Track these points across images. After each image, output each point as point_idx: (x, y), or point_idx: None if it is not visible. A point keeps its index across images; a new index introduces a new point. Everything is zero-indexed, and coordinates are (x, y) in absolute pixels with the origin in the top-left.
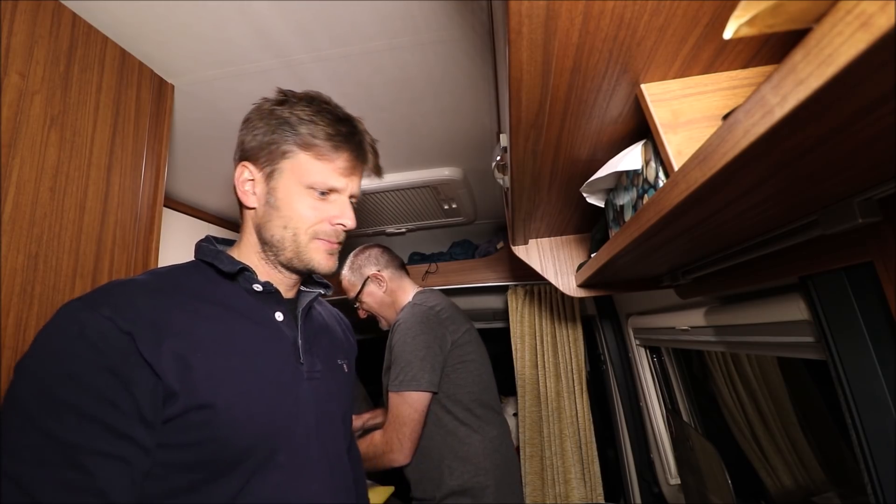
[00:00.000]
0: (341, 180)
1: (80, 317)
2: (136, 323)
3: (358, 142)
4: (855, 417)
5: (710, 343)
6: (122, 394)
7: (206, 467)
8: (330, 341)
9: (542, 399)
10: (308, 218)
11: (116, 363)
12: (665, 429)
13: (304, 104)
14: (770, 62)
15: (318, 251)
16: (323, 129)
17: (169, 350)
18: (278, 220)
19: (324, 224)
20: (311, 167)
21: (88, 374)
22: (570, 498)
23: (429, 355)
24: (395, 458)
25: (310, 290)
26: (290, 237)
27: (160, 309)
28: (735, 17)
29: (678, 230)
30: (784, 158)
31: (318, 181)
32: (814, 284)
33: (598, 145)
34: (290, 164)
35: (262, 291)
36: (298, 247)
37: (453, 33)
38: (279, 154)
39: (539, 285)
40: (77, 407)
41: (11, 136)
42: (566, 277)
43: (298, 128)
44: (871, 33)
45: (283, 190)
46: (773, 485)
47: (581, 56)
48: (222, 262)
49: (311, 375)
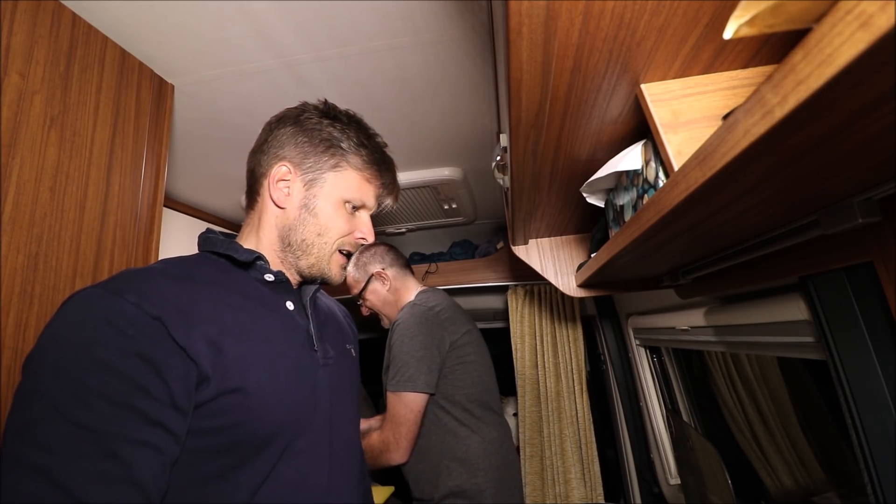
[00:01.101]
0: (372, 200)
1: (105, 303)
2: (164, 308)
3: (393, 171)
4: (855, 417)
5: (710, 343)
6: (154, 380)
7: (235, 453)
8: (337, 328)
9: (542, 399)
10: (342, 229)
11: (147, 349)
12: (665, 429)
13: (355, 127)
14: (770, 62)
15: (336, 264)
16: (371, 154)
17: (200, 334)
18: (314, 226)
19: (349, 237)
20: (356, 185)
21: (118, 360)
22: (570, 498)
23: (426, 356)
24: (392, 458)
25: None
26: (320, 244)
27: (185, 295)
28: (735, 17)
29: (678, 230)
30: (784, 158)
31: (356, 198)
32: (814, 284)
33: (598, 145)
34: (337, 177)
35: (274, 281)
36: (322, 255)
37: (453, 33)
38: (329, 166)
39: (539, 285)
40: (109, 395)
41: (11, 136)
42: (566, 277)
43: (352, 149)
44: (871, 33)
45: (325, 199)
46: (773, 485)
47: (581, 56)
48: (238, 252)
49: (325, 362)
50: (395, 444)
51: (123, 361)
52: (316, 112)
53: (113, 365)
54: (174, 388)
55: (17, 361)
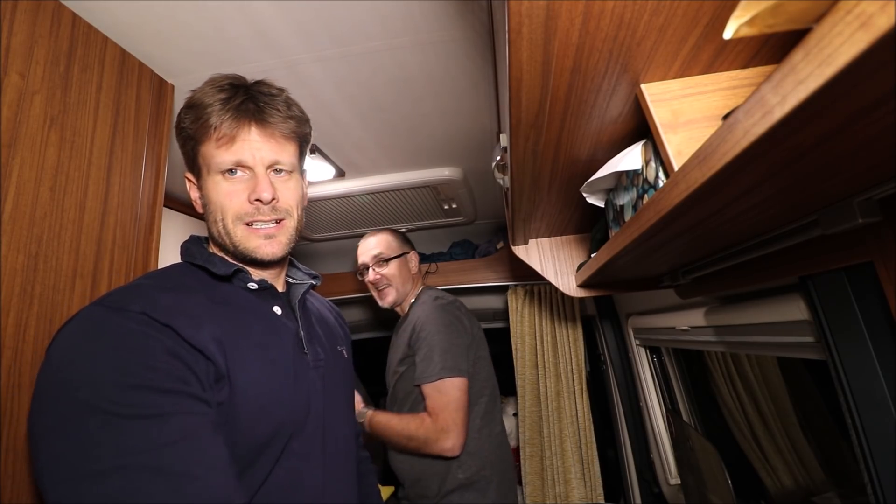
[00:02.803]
0: (231, 150)
1: (114, 318)
2: (170, 315)
3: (239, 102)
4: (855, 417)
5: (710, 343)
6: (187, 373)
7: (236, 455)
8: (328, 330)
9: (542, 399)
10: (226, 203)
11: (173, 347)
12: (665, 429)
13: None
14: (770, 62)
15: (250, 238)
16: (197, 111)
17: (209, 335)
18: (210, 215)
19: (243, 205)
20: (206, 152)
21: (153, 359)
22: (570, 498)
23: (462, 345)
24: (446, 446)
25: (299, 281)
26: (222, 229)
27: (181, 304)
28: (735, 17)
29: (678, 230)
30: (784, 158)
31: (215, 163)
32: (814, 284)
33: (598, 145)
34: (201, 159)
35: (258, 288)
36: (232, 237)
37: (453, 33)
38: (190, 155)
39: (539, 285)
40: (154, 387)
41: (11, 136)
42: (566, 277)
43: (186, 127)
44: (871, 33)
45: (205, 186)
46: (773, 485)
47: (581, 56)
48: (215, 266)
49: (315, 364)
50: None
51: (156, 358)
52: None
53: (149, 363)
54: (204, 382)
55: (17, 361)
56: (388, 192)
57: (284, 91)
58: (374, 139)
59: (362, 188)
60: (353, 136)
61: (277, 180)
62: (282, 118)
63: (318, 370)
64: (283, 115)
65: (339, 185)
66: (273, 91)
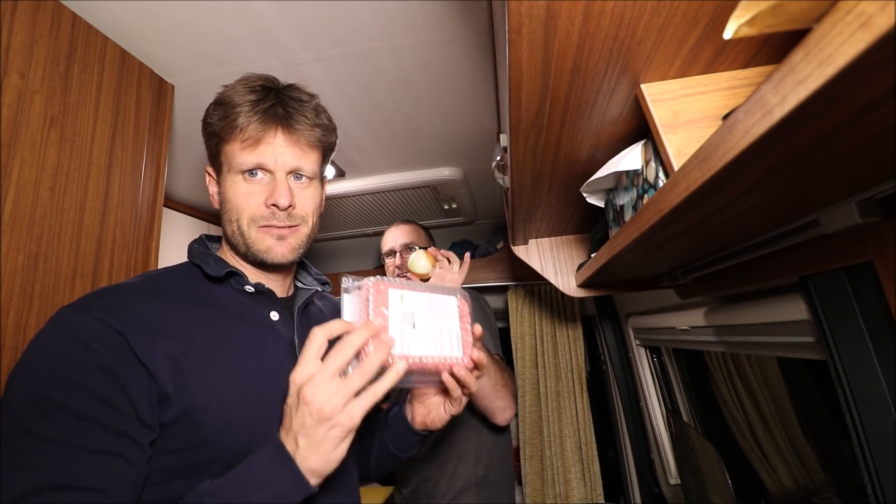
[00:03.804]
0: (255, 152)
1: (71, 319)
2: (128, 323)
3: (269, 105)
4: (855, 417)
5: (710, 343)
6: (117, 393)
7: (208, 470)
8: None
9: (542, 399)
10: (242, 205)
11: (110, 363)
12: (665, 429)
13: (214, 103)
14: (770, 62)
15: (263, 240)
16: (225, 109)
17: (163, 351)
18: (226, 214)
19: (260, 208)
20: (230, 151)
21: (82, 375)
22: (570, 498)
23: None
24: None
25: (308, 287)
26: (236, 230)
27: (152, 311)
28: (735, 17)
29: (678, 230)
30: (784, 158)
31: (236, 163)
32: (814, 284)
33: (598, 145)
34: (223, 157)
35: (255, 292)
36: (246, 238)
37: (454, 34)
38: (213, 152)
39: (539, 285)
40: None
41: (11, 136)
42: (566, 277)
43: (213, 124)
44: (871, 33)
45: (224, 183)
46: (773, 485)
47: (581, 56)
48: (209, 266)
49: None
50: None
51: (87, 376)
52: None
53: (76, 379)
54: (138, 403)
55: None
56: (388, 192)
57: (315, 98)
58: (375, 139)
59: (362, 188)
60: (354, 136)
61: (297, 186)
62: (308, 126)
63: None
64: (310, 123)
65: (339, 185)
66: (303, 97)
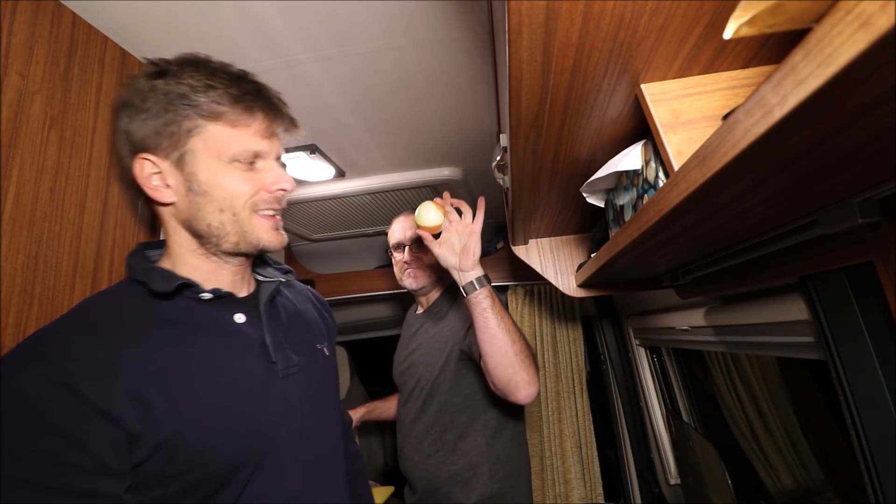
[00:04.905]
0: (264, 143)
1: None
2: (75, 371)
3: (267, 97)
4: (855, 417)
5: (710, 343)
6: (74, 453)
7: (195, 494)
8: (305, 327)
9: (542, 399)
10: (243, 192)
11: (60, 422)
12: (665, 429)
13: (191, 69)
14: (770, 62)
15: (264, 229)
16: (226, 91)
17: (122, 391)
18: (211, 205)
19: (261, 194)
20: (227, 138)
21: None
22: (570, 498)
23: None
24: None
25: (268, 278)
26: (229, 219)
27: (101, 348)
28: (735, 17)
29: (678, 230)
30: (784, 158)
31: (240, 151)
32: (814, 284)
33: (598, 145)
34: (202, 141)
35: (213, 298)
36: (242, 227)
37: (453, 33)
38: (184, 134)
39: (539, 285)
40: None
41: (11, 136)
42: (566, 277)
43: (197, 98)
44: (871, 33)
45: (206, 172)
46: (773, 485)
47: (581, 56)
48: (154, 282)
49: (287, 372)
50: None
51: (36, 441)
52: (145, 77)
53: (26, 447)
54: (102, 455)
55: None
56: (388, 192)
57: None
58: (374, 139)
59: (362, 188)
60: (353, 136)
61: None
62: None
63: (291, 377)
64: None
65: (339, 185)
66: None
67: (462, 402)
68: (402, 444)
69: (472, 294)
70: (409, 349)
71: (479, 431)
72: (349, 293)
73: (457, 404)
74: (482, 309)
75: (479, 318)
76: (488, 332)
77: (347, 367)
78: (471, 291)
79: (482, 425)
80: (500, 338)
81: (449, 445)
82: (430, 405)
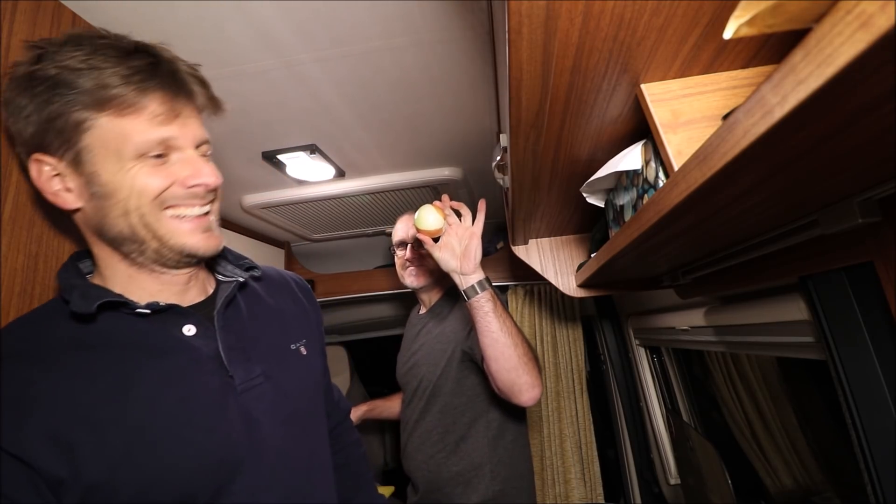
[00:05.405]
0: (167, 129)
1: None
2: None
3: (169, 72)
4: (855, 417)
5: (710, 343)
6: None
7: None
8: (276, 326)
9: (542, 399)
10: (150, 190)
11: None
12: (665, 429)
13: (72, 47)
14: (770, 62)
15: (184, 232)
16: (112, 71)
17: (37, 431)
18: (115, 209)
19: (173, 189)
20: (121, 129)
21: None
22: (570, 498)
23: None
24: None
25: (228, 278)
26: (138, 223)
27: (15, 380)
28: (735, 17)
29: (678, 230)
30: (784, 158)
31: (141, 143)
32: (814, 284)
33: (598, 145)
34: (95, 136)
35: (152, 313)
36: (155, 231)
37: (453, 33)
38: (72, 129)
39: (539, 285)
40: None
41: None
42: (566, 277)
43: (78, 82)
44: (871, 33)
45: (107, 171)
46: (773, 485)
47: (581, 56)
48: (74, 301)
49: (247, 385)
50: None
51: None
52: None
53: None
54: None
55: None
56: (388, 192)
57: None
58: (374, 139)
59: (362, 188)
60: (353, 136)
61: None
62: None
63: (253, 390)
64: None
65: (339, 185)
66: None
67: (464, 404)
68: (405, 444)
69: (474, 298)
70: (413, 349)
71: (482, 433)
72: (349, 293)
73: (459, 405)
74: (484, 313)
75: (480, 323)
76: (490, 336)
77: (347, 367)
78: (472, 296)
79: (484, 427)
80: (503, 342)
81: (451, 446)
82: (432, 406)
